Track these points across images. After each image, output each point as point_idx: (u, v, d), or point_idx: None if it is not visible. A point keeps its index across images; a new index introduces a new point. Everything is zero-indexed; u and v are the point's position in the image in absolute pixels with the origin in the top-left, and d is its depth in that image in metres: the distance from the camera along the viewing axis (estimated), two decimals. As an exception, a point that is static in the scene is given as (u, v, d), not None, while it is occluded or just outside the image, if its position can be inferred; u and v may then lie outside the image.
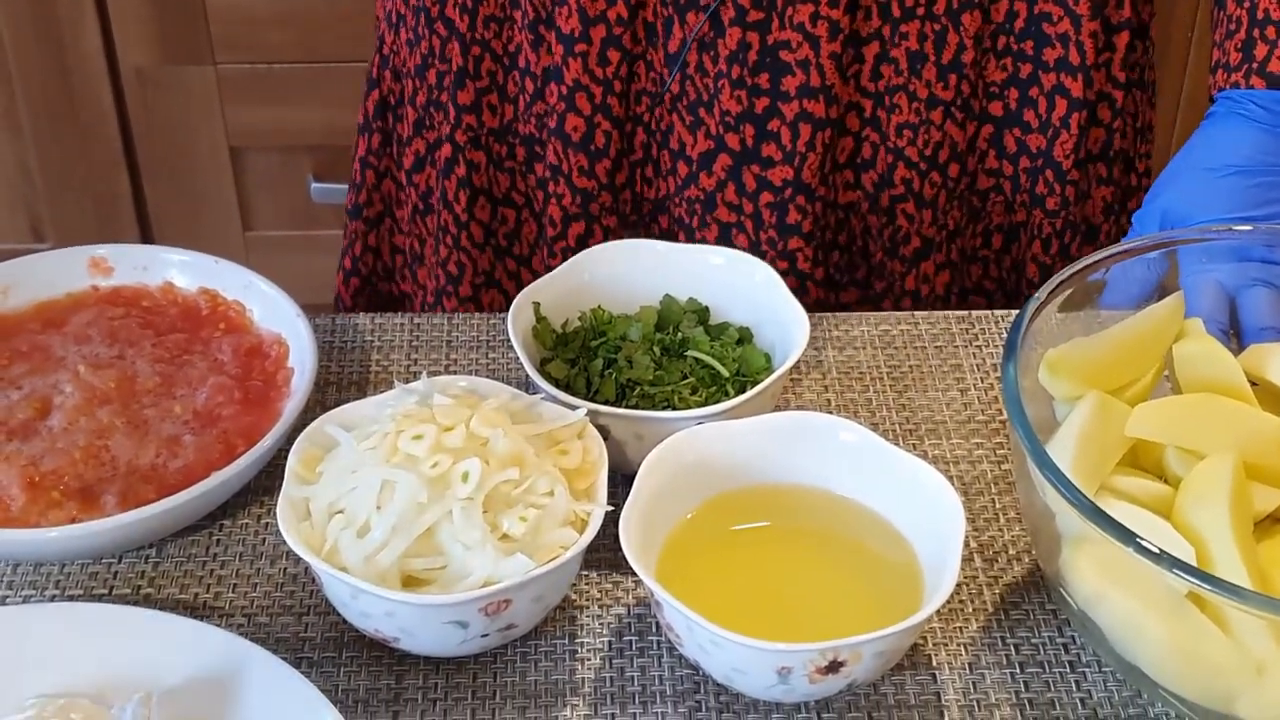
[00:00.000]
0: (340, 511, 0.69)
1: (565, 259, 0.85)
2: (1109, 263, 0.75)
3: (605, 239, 1.00)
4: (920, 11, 0.92)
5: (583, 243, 1.00)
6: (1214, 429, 0.70)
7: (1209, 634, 0.64)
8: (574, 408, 0.75)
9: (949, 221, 1.00)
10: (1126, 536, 0.61)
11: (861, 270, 1.01)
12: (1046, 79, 0.96)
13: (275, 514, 0.77)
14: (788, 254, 0.98)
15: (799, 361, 0.87)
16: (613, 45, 0.94)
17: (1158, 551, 0.61)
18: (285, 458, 0.72)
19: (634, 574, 0.76)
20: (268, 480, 0.79)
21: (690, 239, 1.00)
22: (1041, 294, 0.72)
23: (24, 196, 2.05)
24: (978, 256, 1.03)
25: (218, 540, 0.77)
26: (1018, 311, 0.73)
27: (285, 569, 0.76)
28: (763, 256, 0.88)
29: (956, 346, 0.90)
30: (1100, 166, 1.01)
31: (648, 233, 1.02)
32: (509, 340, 0.89)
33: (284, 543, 0.77)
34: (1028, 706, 0.70)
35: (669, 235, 1.01)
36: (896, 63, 0.93)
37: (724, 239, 0.98)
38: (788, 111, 0.94)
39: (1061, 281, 0.73)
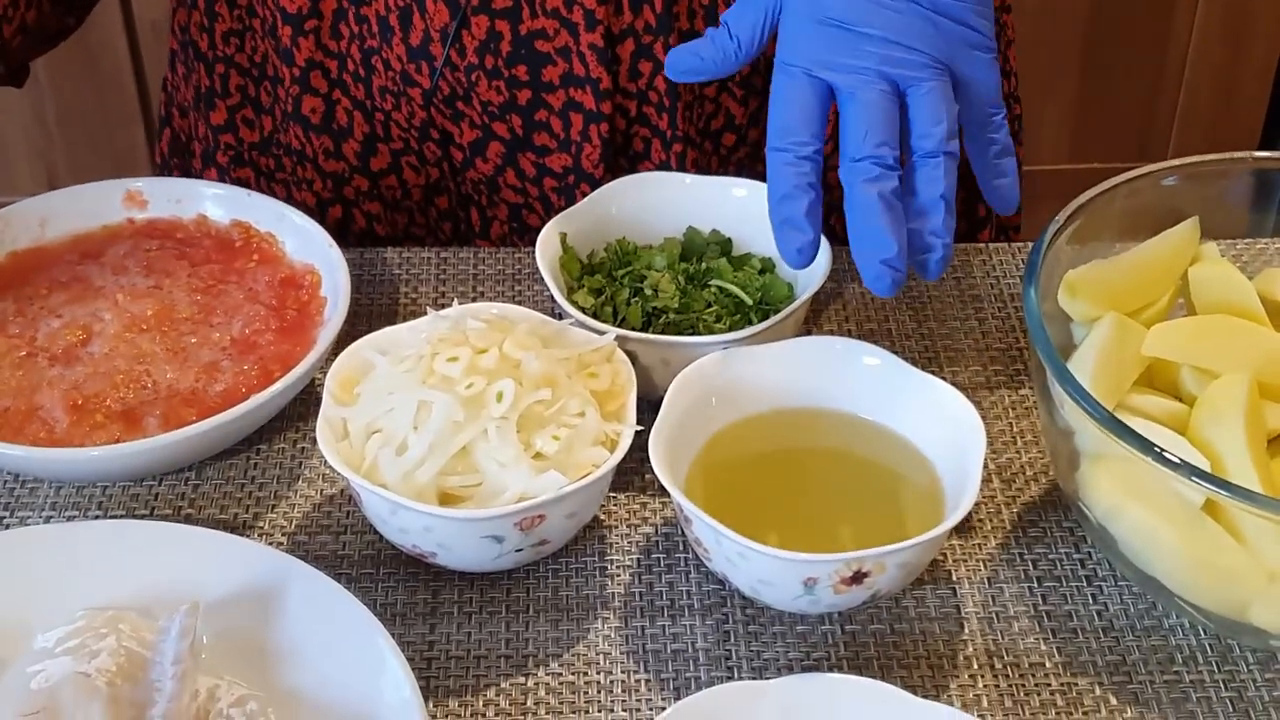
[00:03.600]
0: (378, 431, 0.71)
1: None
2: (1124, 189, 0.77)
3: (368, 225, 0.98)
4: None
5: (342, 228, 0.97)
6: (1228, 349, 0.72)
7: (1224, 544, 0.66)
8: (601, 333, 0.76)
9: None
10: (1145, 447, 0.63)
11: None
12: None
13: (310, 439, 0.80)
14: None
15: (820, 293, 0.89)
16: (343, 20, 0.91)
17: (1176, 460, 0.63)
18: (319, 386, 0.74)
19: (661, 496, 0.78)
20: (302, 407, 0.81)
21: (482, 216, 0.97)
22: (1060, 218, 0.74)
23: (40, 147, 2.07)
24: None
25: (255, 464, 0.79)
26: (1037, 238, 0.74)
27: (322, 490, 0.78)
28: None
29: (974, 278, 0.91)
30: None
31: (424, 216, 0.98)
32: (534, 275, 0.91)
33: (320, 466, 0.79)
34: (1045, 618, 0.72)
35: (450, 216, 0.98)
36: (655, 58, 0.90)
37: (515, 217, 0.96)
38: (554, 101, 0.91)
39: (1079, 207, 0.75)
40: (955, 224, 0.72)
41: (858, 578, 0.67)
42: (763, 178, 0.75)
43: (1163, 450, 0.63)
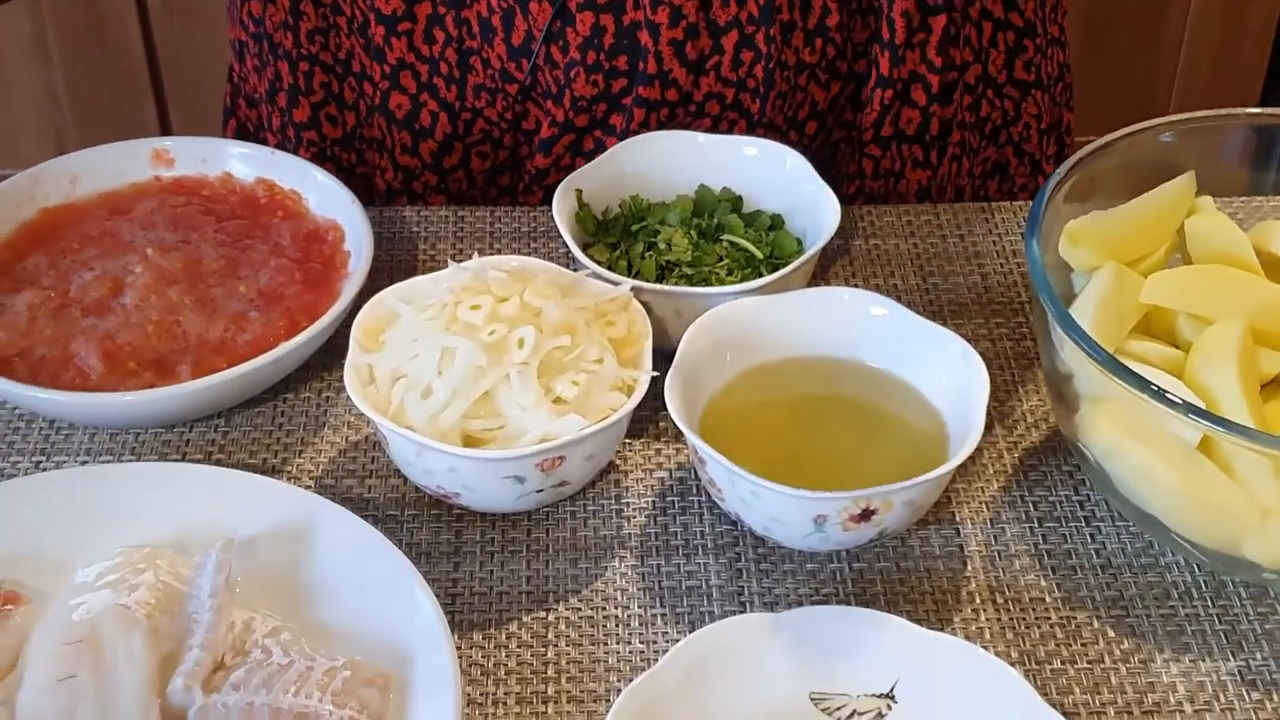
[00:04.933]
0: (403, 377, 0.74)
1: None
2: (1122, 144, 0.79)
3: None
4: None
5: None
6: (1223, 297, 0.74)
7: (1218, 481, 0.68)
8: (617, 284, 0.79)
9: None
10: (1142, 385, 0.66)
11: None
12: (872, 49, 0.95)
13: (335, 388, 0.83)
14: None
15: (828, 249, 0.92)
16: (438, 25, 0.93)
17: (1173, 398, 0.66)
18: (344, 338, 0.77)
19: (675, 442, 0.80)
20: (327, 358, 0.84)
21: (514, 203, 0.99)
22: (1061, 171, 0.76)
23: (53, 122, 2.09)
24: None
25: (282, 411, 0.82)
26: (1039, 190, 0.77)
27: (347, 437, 0.80)
28: None
29: (976, 235, 0.94)
30: (916, 149, 0.99)
31: (482, 197, 1.00)
32: (549, 232, 0.93)
33: (344, 413, 0.82)
34: (1045, 556, 0.75)
35: (511, 192, 1.00)
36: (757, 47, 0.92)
37: (548, 200, 0.96)
38: (636, 90, 0.93)
39: (1078, 161, 0.77)
40: None
41: (865, 515, 0.70)
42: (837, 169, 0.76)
43: (1160, 388, 0.66)
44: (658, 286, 0.80)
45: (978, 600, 0.73)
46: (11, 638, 0.68)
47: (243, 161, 0.89)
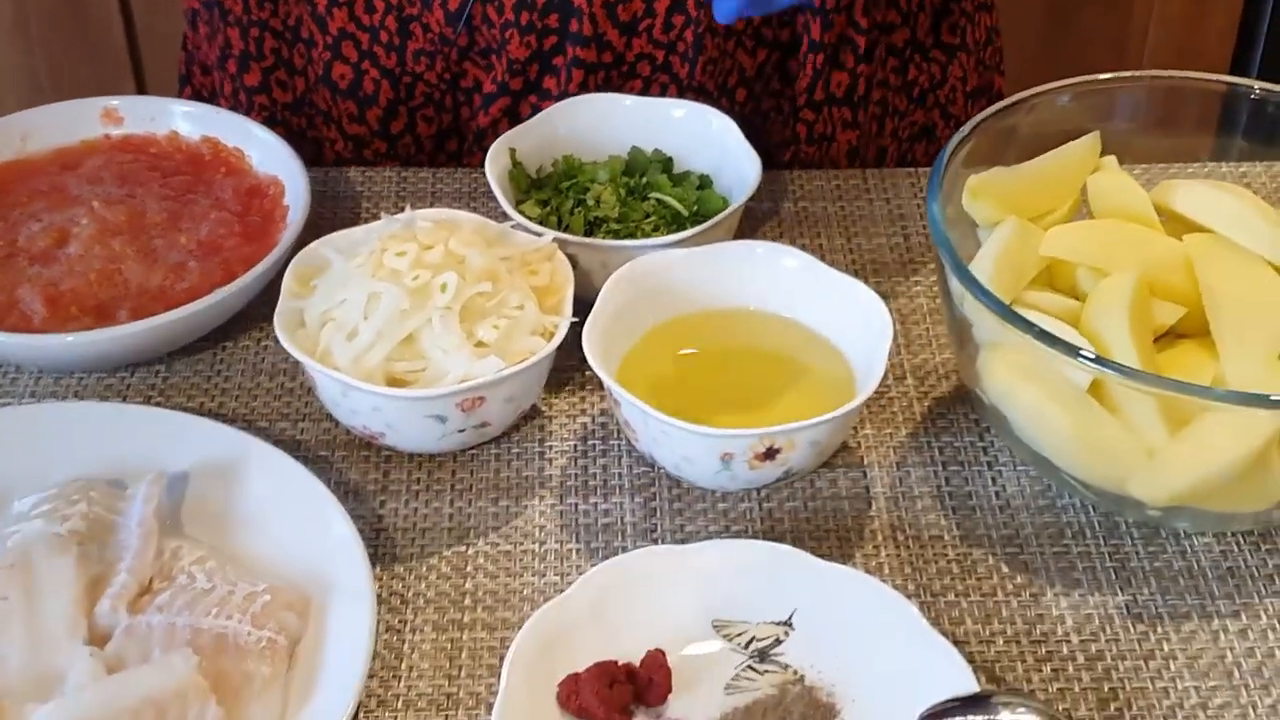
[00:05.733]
0: (331, 320, 0.77)
1: None
2: (1022, 108, 0.82)
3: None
4: None
5: None
6: (1121, 250, 0.78)
7: (1106, 422, 0.71)
8: (540, 234, 0.82)
9: None
10: (1029, 328, 0.69)
11: None
12: (798, 20, 0.97)
13: (271, 337, 0.85)
14: None
15: (757, 211, 0.95)
16: None
17: (1056, 338, 0.69)
18: (281, 286, 0.80)
19: (598, 390, 0.83)
20: (264, 308, 0.87)
21: (459, 166, 1.02)
22: (965, 130, 0.79)
23: (32, 102, 2.11)
24: None
25: (220, 359, 0.85)
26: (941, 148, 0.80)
27: (282, 383, 0.84)
28: None
29: (902, 199, 0.97)
30: (845, 110, 1.01)
31: (430, 162, 1.02)
32: (489, 192, 0.96)
33: (280, 361, 0.85)
34: (947, 498, 0.78)
35: (452, 161, 1.03)
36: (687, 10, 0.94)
37: None
38: (570, 53, 0.95)
39: (980, 122, 0.80)
40: None
41: (770, 454, 0.73)
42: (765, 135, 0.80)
43: (1044, 330, 0.69)
44: (583, 239, 0.83)
45: (879, 538, 0.76)
46: (-52, 563, 0.71)
47: (188, 120, 0.92)
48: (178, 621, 0.67)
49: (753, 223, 0.95)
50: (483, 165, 0.91)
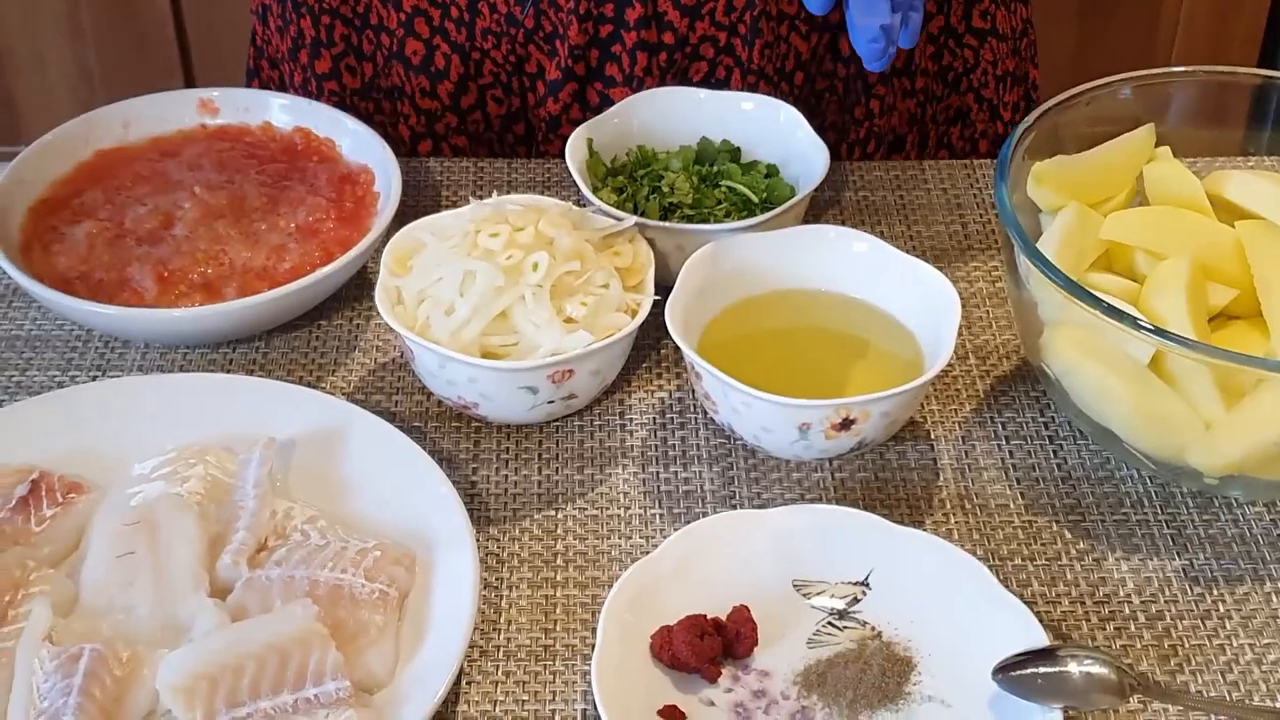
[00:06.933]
0: (428, 298, 0.81)
1: None
2: (1081, 100, 0.86)
3: (454, 156, 1.06)
4: None
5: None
6: (1176, 235, 0.82)
7: (1167, 396, 0.76)
8: (622, 219, 0.87)
9: None
10: (1095, 302, 0.73)
11: None
12: None
13: (365, 316, 0.90)
14: None
15: (821, 200, 0.99)
16: None
17: (1124, 312, 0.73)
18: (374, 272, 0.84)
19: (676, 366, 0.88)
20: (357, 290, 0.91)
21: (532, 154, 1.06)
22: (1030, 119, 0.83)
23: (84, 98, 2.17)
24: None
25: (316, 335, 0.89)
26: (1006, 136, 0.84)
27: (376, 359, 0.88)
28: None
29: (960, 189, 1.01)
30: (905, 80, 1.06)
31: (500, 144, 1.07)
32: (563, 182, 1.01)
33: (374, 338, 0.89)
34: (1011, 470, 0.82)
35: (525, 141, 1.07)
36: None
37: (560, 154, 1.02)
38: (628, 39, 0.99)
39: (1044, 111, 0.84)
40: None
41: (845, 424, 0.77)
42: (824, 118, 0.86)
43: (1111, 304, 0.73)
44: (660, 223, 0.87)
45: (948, 506, 0.80)
46: (75, 521, 0.75)
47: (282, 111, 0.97)
48: (295, 575, 0.71)
49: (816, 211, 0.99)
50: (561, 154, 0.95)
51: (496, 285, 0.79)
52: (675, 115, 0.97)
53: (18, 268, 0.84)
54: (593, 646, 0.69)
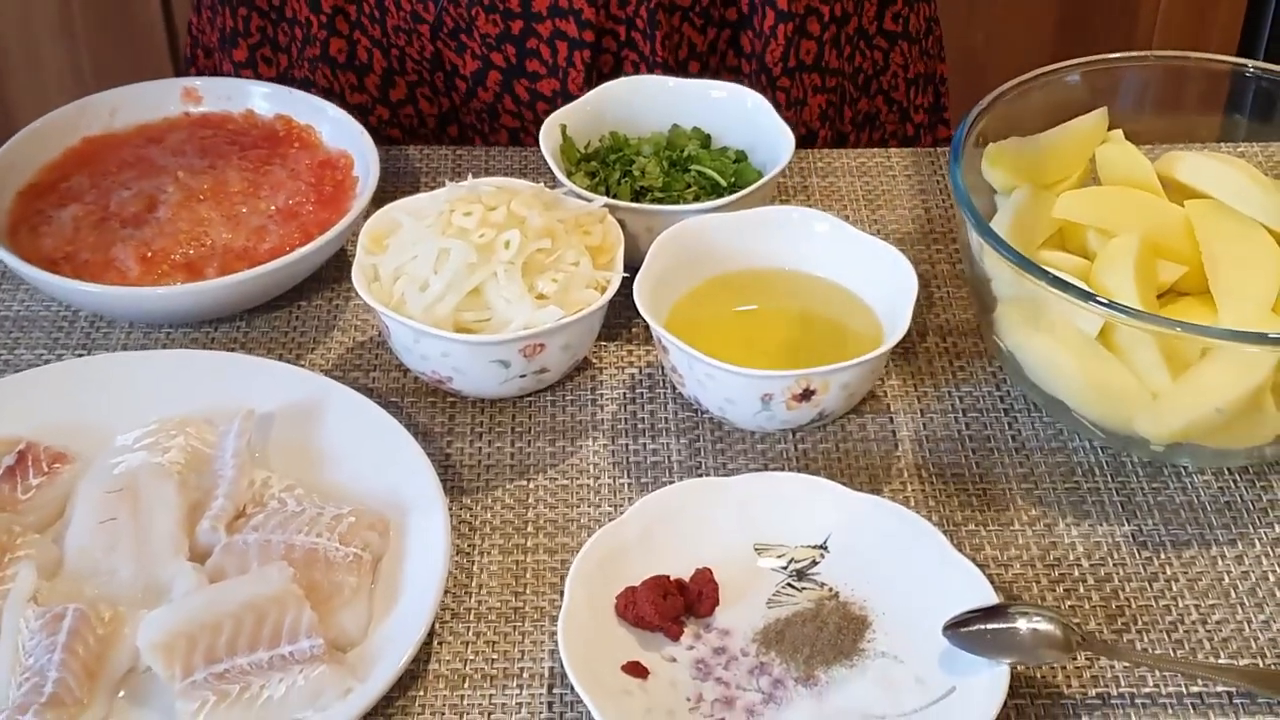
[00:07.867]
0: (404, 275, 0.84)
1: None
2: (1035, 85, 0.89)
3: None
4: None
5: None
6: (1127, 214, 0.85)
7: (1114, 367, 0.78)
8: (592, 201, 0.89)
9: None
10: (1043, 275, 0.76)
11: None
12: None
13: (344, 297, 0.93)
14: None
15: (788, 187, 1.02)
16: None
17: (1073, 286, 0.76)
18: (351, 256, 0.87)
19: (645, 343, 0.90)
20: (337, 271, 0.94)
21: (485, 142, 1.09)
22: (985, 102, 0.86)
23: (75, 98, 2.19)
24: None
25: (296, 315, 0.92)
26: (964, 116, 0.86)
27: (354, 337, 0.91)
28: None
29: (923, 176, 1.04)
30: (814, 76, 1.09)
31: (437, 142, 1.09)
32: (538, 169, 1.03)
33: (352, 318, 0.92)
34: (968, 441, 0.85)
35: (461, 141, 1.10)
36: None
37: (515, 141, 1.08)
38: (543, 30, 1.03)
39: (997, 95, 0.87)
40: None
41: (806, 395, 0.80)
42: None
43: (1058, 277, 0.76)
44: (630, 204, 0.90)
45: (905, 475, 0.83)
46: (60, 489, 0.78)
47: (264, 99, 0.99)
48: (272, 539, 0.74)
49: (784, 198, 1.02)
50: (535, 143, 0.98)
51: (470, 262, 0.82)
52: (647, 103, 0.99)
53: (6, 249, 0.87)
54: (560, 609, 0.72)
